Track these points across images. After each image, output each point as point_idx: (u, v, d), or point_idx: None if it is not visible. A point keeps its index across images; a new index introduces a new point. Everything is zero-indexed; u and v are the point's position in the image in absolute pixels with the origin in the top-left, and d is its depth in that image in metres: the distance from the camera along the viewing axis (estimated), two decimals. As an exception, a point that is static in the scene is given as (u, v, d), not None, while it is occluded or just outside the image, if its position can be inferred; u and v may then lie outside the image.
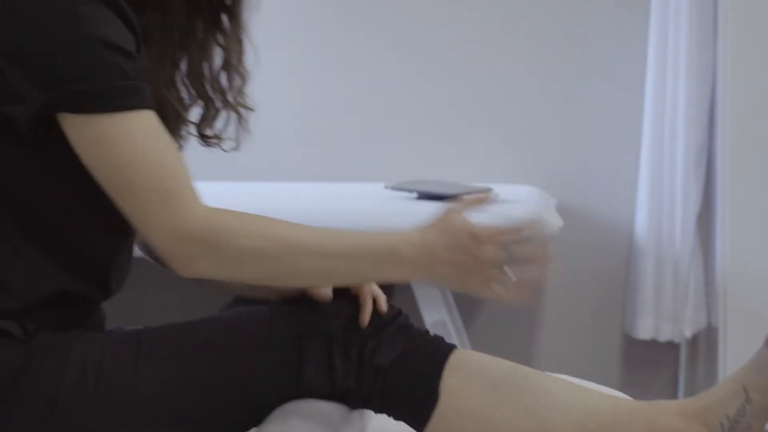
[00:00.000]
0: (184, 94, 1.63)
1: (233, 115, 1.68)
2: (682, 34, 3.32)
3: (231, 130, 1.70)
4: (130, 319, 1.70)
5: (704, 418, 1.57)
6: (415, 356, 1.56)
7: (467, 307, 3.34)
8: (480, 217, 2.92)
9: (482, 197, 1.61)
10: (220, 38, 1.64)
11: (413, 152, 3.55)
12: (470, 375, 1.56)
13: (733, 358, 3.24)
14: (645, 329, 3.44)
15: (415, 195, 3.12)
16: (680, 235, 3.38)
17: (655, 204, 3.41)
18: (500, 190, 3.28)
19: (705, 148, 3.38)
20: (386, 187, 3.19)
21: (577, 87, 3.52)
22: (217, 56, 1.66)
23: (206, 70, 1.64)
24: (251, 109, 1.70)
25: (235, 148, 1.69)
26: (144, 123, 1.43)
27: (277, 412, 1.52)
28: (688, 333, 3.42)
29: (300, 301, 1.62)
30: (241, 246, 1.46)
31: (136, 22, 1.48)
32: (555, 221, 3.06)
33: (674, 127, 3.37)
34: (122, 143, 1.41)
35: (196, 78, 1.63)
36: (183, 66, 1.63)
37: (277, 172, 3.40)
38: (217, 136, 1.68)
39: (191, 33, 1.62)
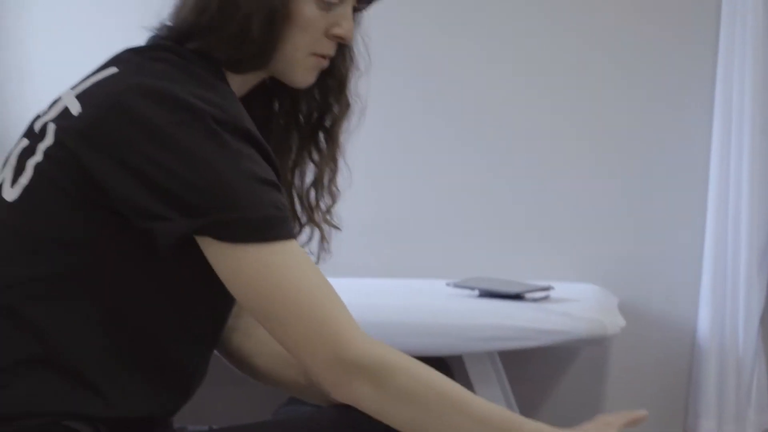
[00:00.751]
0: None
1: (317, 231, 1.69)
2: (745, 136, 3.34)
3: (313, 246, 1.70)
4: (186, 414, 1.73)
5: None
6: None
7: (527, 403, 3.35)
8: (542, 316, 2.95)
9: (636, 417, 1.59)
10: (315, 156, 1.67)
11: (475, 250, 3.57)
12: None
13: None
14: (708, 430, 3.41)
15: (476, 293, 3.14)
16: (743, 335, 3.36)
17: (718, 304, 3.40)
18: (561, 288, 3.29)
19: (768, 248, 3.39)
20: (448, 284, 3.21)
21: (639, 186, 3.53)
22: (310, 173, 1.67)
23: (297, 186, 1.66)
24: (338, 229, 1.71)
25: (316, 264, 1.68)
26: (296, 252, 1.44)
27: None
28: (751, 435, 3.39)
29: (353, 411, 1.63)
30: (403, 385, 1.44)
31: (273, 156, 1.50)
32: (617, 321, 3.05)
33: (737, 227, 3.37)
34: (277, 273, 1.40)
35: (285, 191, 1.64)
36: None
37: (340, 268, 3.42)
38: None
39: (287, 148, 1.65)
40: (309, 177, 1.68)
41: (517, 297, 3.10)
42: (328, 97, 1.66)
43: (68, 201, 1.42)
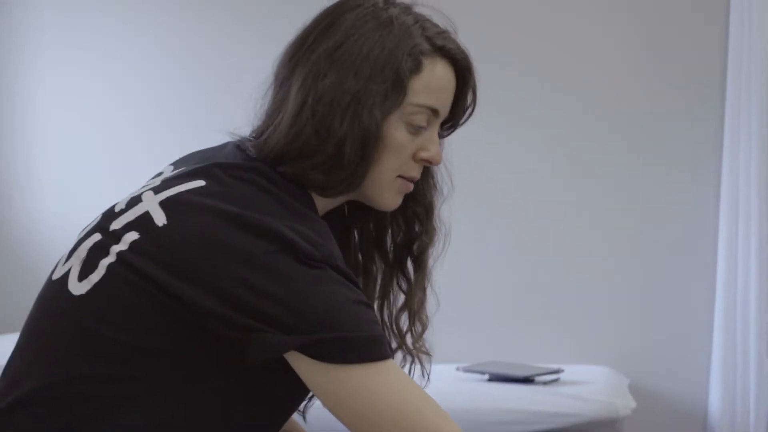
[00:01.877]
0: None
1: (408, 357, 1.66)
2: (753, 219, 3.37)
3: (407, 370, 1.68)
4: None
5: None
6: None
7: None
8: (552, 399, 2.96)
9: None
10: (404, 284, 1.66)
11: (484, 334, 3.58)
12: None
13: None
14: None
15: (486, 377, 3.15)
16: (754, 415, 3.36)
17: (728, 384, 3.40)
18: (572, 370, 3.30)
19: (779, 329, 3.39)
20: (458, 369, 3.22)
21: (648, 269, 3.55)
22: (399, 299, 1.66)
23: (384, 313, 1.65)
24: (429, 355, 1.69)
25: None
26: (397, 371, 1.42)
27: None
28: None
29: None
30: None
31: (358, 282, 1.49)
32: (627, 402, 3.06)
33: (746, 308, 3.38)
34: (383, 394, 1.39)
35: None
36: None
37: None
38: None
39: (371, 277, 1.65)
40: (396, 303, 1.66)
41: (527, 380, 3.10)
42: (414, 224, 1.65)
43: (145, 309, 1.40)
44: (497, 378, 3.13)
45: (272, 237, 1.39)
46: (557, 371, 3.18)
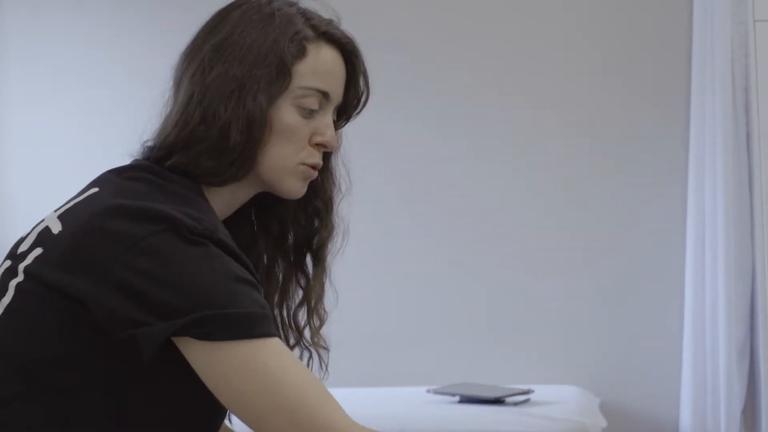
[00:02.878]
0: None
1: (305, 352, 1.68)
2: (719, 233, 3.38)
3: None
4: None
5: None
6: None
7: None
8: (523, 419, 2.96)
9: None
10: (302, 280, 1.67)
11: (455, 356, 3.58)
12: None
13: None
14: None
15: (457, 398, 3.14)
16: (725, 430, 3.37)
17: (699, 400, 3.41)
18: (542, 391, 3.30)
19: (747, 343, 3.40)
20: (428, 391, 3.21)
21: (616, 288, 3.56)
22: (297, 295, 1.68)
23: (284, 310, 1.66)
24: (326, 349, 1.70)
25: None
26: (280, 349, 1.43)
27: None
28: None
29: None
30: None
31: (250, 264, 1.50)
32: (598, 422, 3.06)
33: (715, 325, 3.39)
34: (263, 372, 1.40)
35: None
36: None
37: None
38: None
39: (273, 276, 1.66)
40: (295, 299, 1.68)
41: (498, 401, 3.10)
42: (314, 220, 1.68)
43: (50, 320, 1.42)
44: (468, 400, 3.13)
45: (155, 218, 1.41)
46: (527, 392, 3.18)
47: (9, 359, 1.45)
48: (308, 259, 1.68)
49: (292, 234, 1.68)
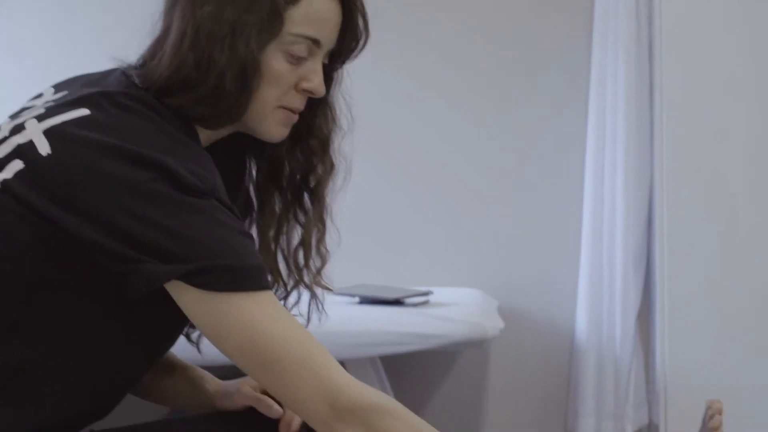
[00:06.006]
0: None
1: (307, 292, 1.70)
2: (619, 144, 3.41)
3: (302, 307, 1.70)
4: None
5: None
6: None
7: (410, 407, 3.36)
8: (421, 320, 2.98)
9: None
10: (301, 217, 1.67)
11: (356, 258, 3.59)
12: None
13: (674, 454, 3.28)
14: (587, 428, 3.46)
15: (357, 299, 3.16)
16: (620, 335, 3.43)
17: (595, 305, 3.46)
18: (442, 293, 3.33)
19: (644, 250, 3.45)
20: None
21: (518, 192, 3.59)
22: (296, 236, 1.68)
23: (283, 249, 1.66)
24: (330, 290, 1.73)
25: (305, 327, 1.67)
26: (276, 303, 1.45)
27: None
28: (630, 431, 3.45)
29: (246, 412, 1.65)
30: (390, 428, 1.46)
31: (238, 213, 1.50)
32: (496, 323, 3.09)
33: (613, 231, 3.44)
34: (262, 324, 1.41)
35: (267, 252, 1.64)
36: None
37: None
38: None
39: (270, 212, 1.66)
40: (295, 239, 1.68)
41: (397, 303, 3.12)
42: (311, 157, 1.67)
43: (26, 239, 1.39)
44: (367, 300, 3.15)
45: (155, 166, 1.39)
46: (427, 293, 3.20)
47: None
48: (307, 198, 1.67)
49: (288, 171, 1.66)
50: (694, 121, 3.27)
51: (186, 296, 1.41)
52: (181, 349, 1.72)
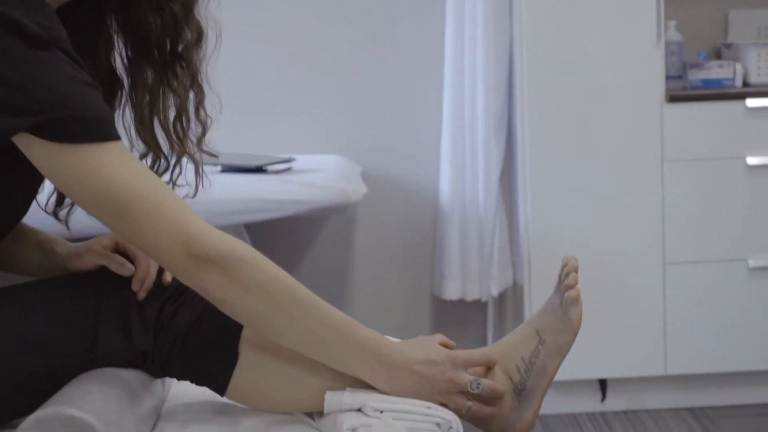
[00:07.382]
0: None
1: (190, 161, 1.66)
2: (478, 4, 3.39)
3: (189, 177, 1.68)
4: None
5: (501, 362, 1.61)
6: (214, 317, 1.56)
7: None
8: (284, 187, 2.96)
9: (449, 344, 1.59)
10: (174, 83, 1.62)
11: (217, 125, 3.52)
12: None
13: (538, 313, 3.33)
14: (453, 290, 3.51)
15: (219, 168, 3.11)
16: (483, 197, 3.46)
17: (457, 168, 3.48)
18: (305, 160, 3.30)
19: (505, 112, 3.47)
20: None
21: (378, 57, 3.57)
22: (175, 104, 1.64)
23: (161, 121, 1.62)
24: (215, 156, 1.70)
25: (192, 196, 1.67)
26: (127, 153, 1.44)
27: (74, 380, 1.50)
28: (495, 292, 3.50)
29: (98, 271, 1.62)
30: (251, 277, 1.46)
31: (83, 63, 1.47)
32: (359, 188, 3.09)
33: (474, 93, 3.44)
34: (115, 173, 1.40)
35: (144, 127, 1.61)
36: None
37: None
38: (173, 183, 1.66)
39: (142, 85, 1.61)
40: (173, 112, 1.64)
41: (259, 170, 3.09)
42: (176, 23, 1.61)
43: None
44: (229, 169, 3.11)
45: None
46: (289, 160, 3.18)
47: None
48: (179, 66, 1.63)
49: (156, 40, 1.61)
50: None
51: (36, 150, 1.40)
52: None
